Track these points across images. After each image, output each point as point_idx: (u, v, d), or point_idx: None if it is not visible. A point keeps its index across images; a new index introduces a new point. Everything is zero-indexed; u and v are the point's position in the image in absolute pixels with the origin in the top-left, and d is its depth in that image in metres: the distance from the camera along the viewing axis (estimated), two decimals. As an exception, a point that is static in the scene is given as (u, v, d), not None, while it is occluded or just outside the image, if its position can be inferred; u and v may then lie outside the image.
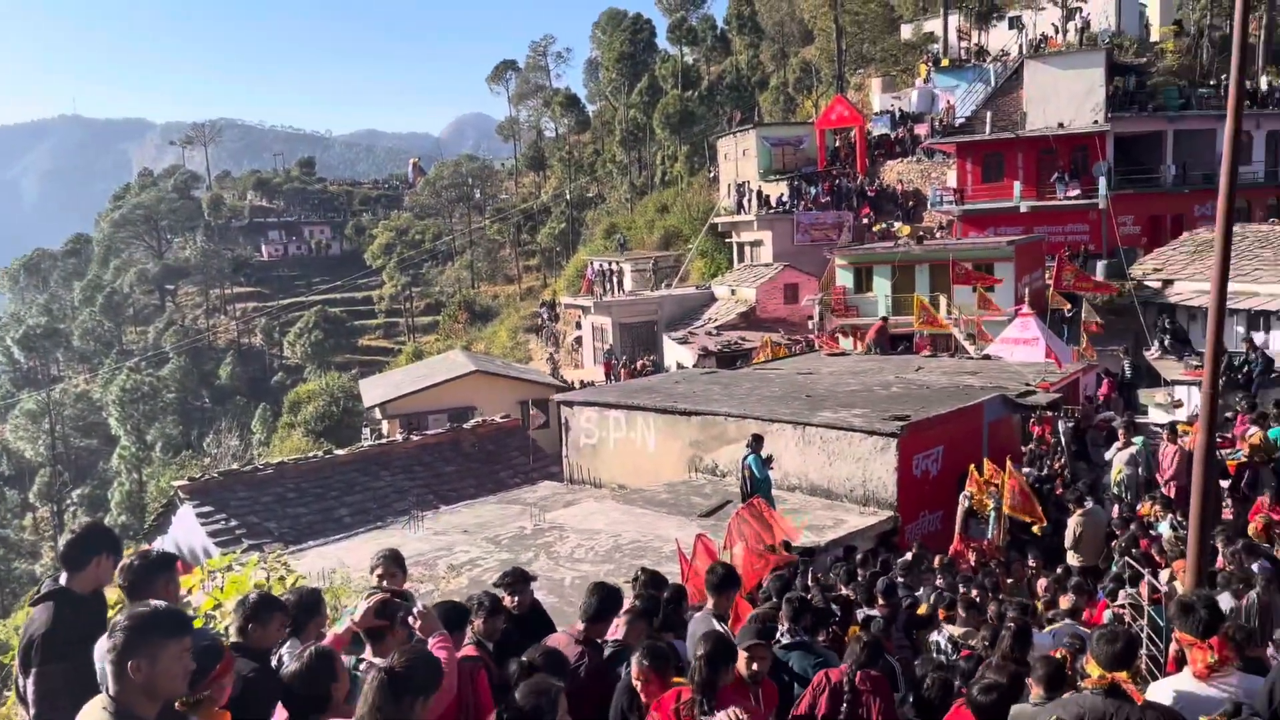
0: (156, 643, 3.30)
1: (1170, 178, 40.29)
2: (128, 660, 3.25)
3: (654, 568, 10.74)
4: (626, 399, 18.00)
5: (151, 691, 3.30)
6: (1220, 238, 7.74)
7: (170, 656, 3.32)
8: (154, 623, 3.35)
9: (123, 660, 3.26)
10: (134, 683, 3.26)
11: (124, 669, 3.26)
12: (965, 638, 7.13)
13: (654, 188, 77.45)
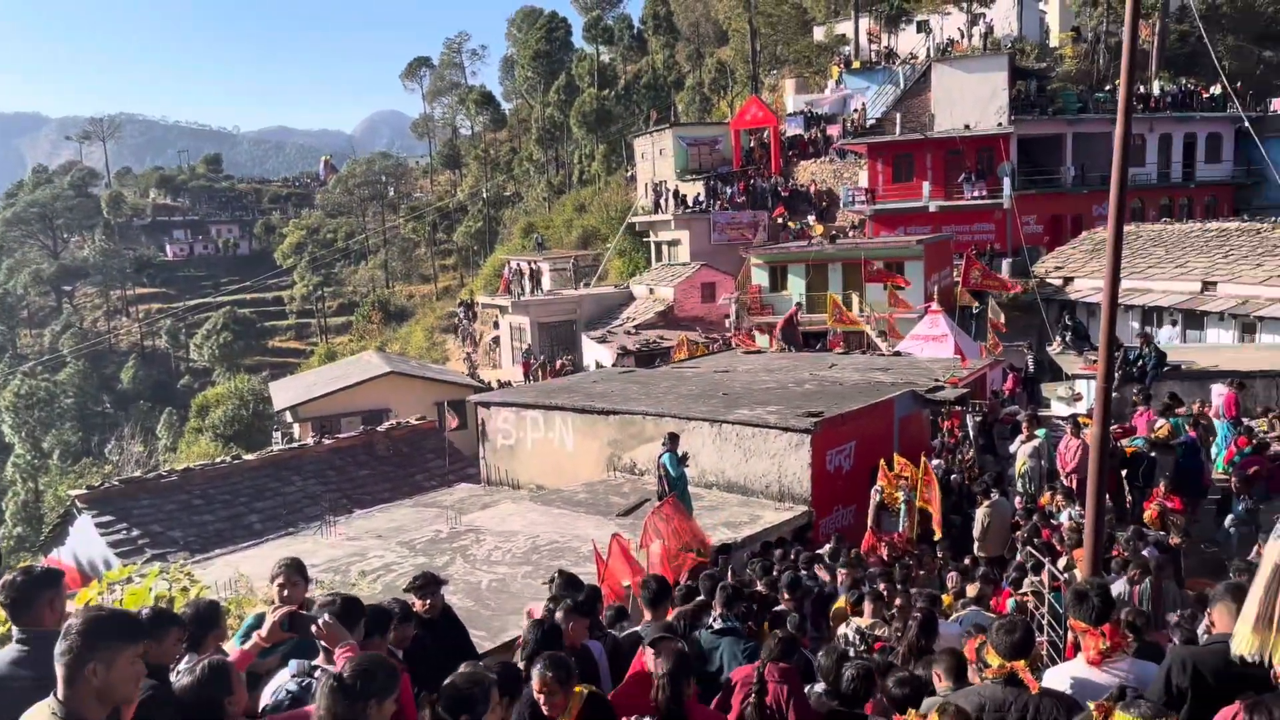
0: (114, 646, 3.20)
1: (1070, 179, 41.80)
2: (84, 664, 3.14)
3: (572, 568, 10.71)
4: (544, 399, 17.90)
5: (105, 696, 3.19)
6: (1112, 237, 8.04)
7: (126, 661, 3.22)
8: (110, 626, 3.25)
9: (78, 664, 3.14)
10: (88, 687, 3.14)
11: (79, 672, 3.14)
12: (873, 629, 7.26)
13: (572, 187, 77.26)
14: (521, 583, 11.29)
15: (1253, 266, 28.21)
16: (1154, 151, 43.46)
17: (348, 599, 5.03)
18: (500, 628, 9.70)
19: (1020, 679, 4.22)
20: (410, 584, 6.64)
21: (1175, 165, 44.08)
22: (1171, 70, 48.77)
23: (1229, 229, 32.32)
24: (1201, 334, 28.31)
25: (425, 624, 6.27)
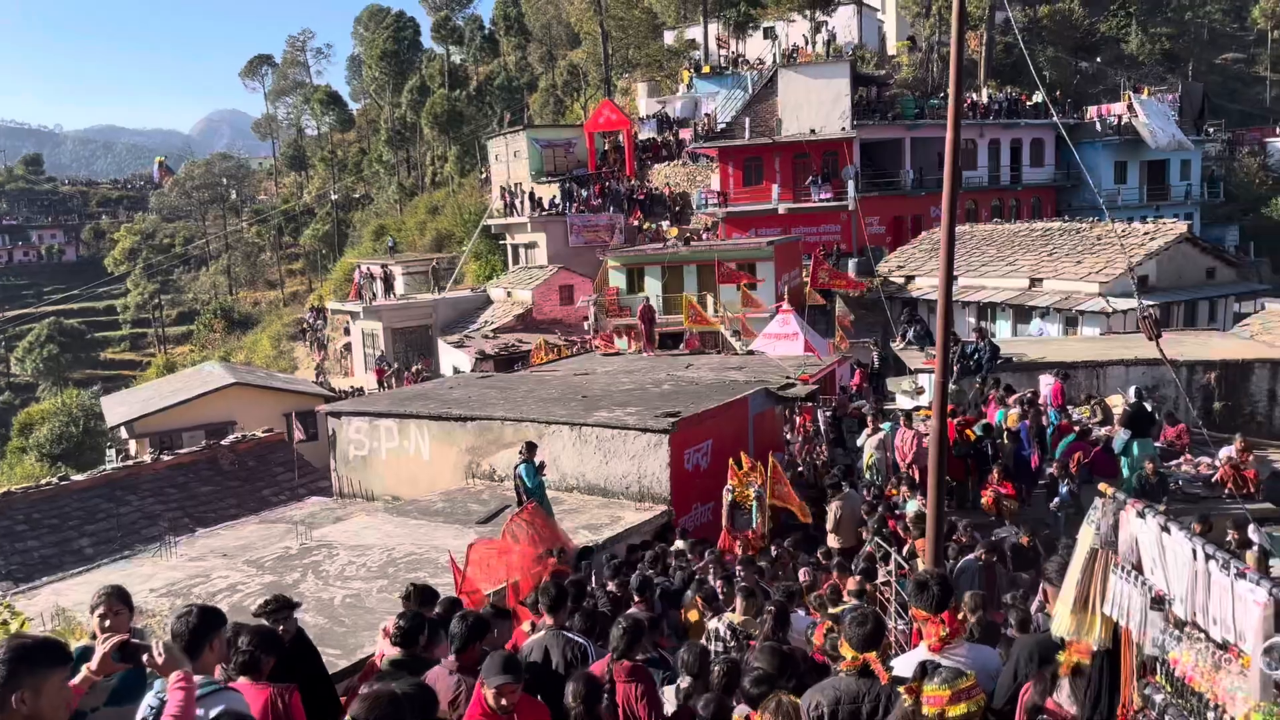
0: (41, 673, 3.10)
1: (909, 182, 43.73)
2: (11, 693, 3.03)
3: (431, 579, 10.48)
4: (398, 407, 17.46)
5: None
6: (945, 238, 8.42)
7: (54, 688, 3.13)
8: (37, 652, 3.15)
9: (6, 691, 3.02)
10: (17, 716, 3.04)
11: (6, 701, 3.03)
12: (746, 625, 7.36)
13: (424, 189, 75.83)
14: (377, 598, 10.97)
15: (1074, 264, 30.18)
16: (985, 156, 45.96)
17: (205, 609, 4.78)
18: (355, 645, 9.41)
19: (873, 670, 4.34)
20: (260, 608, 6.31)
21: (1004, 169, 46.73)
22: (999, 79, 51.75)
23: (1052, 229, 34.48)
24: (1030, 327, 30.11)
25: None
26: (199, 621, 4.60)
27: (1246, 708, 2.75)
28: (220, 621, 4.79)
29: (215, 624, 4.71)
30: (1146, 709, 3.44)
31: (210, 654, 4.66)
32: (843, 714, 4.23)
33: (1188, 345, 22.16)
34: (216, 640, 4.71)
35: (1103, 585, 3.57)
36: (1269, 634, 2.64)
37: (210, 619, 4.69)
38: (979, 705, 3.57)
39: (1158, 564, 3.21)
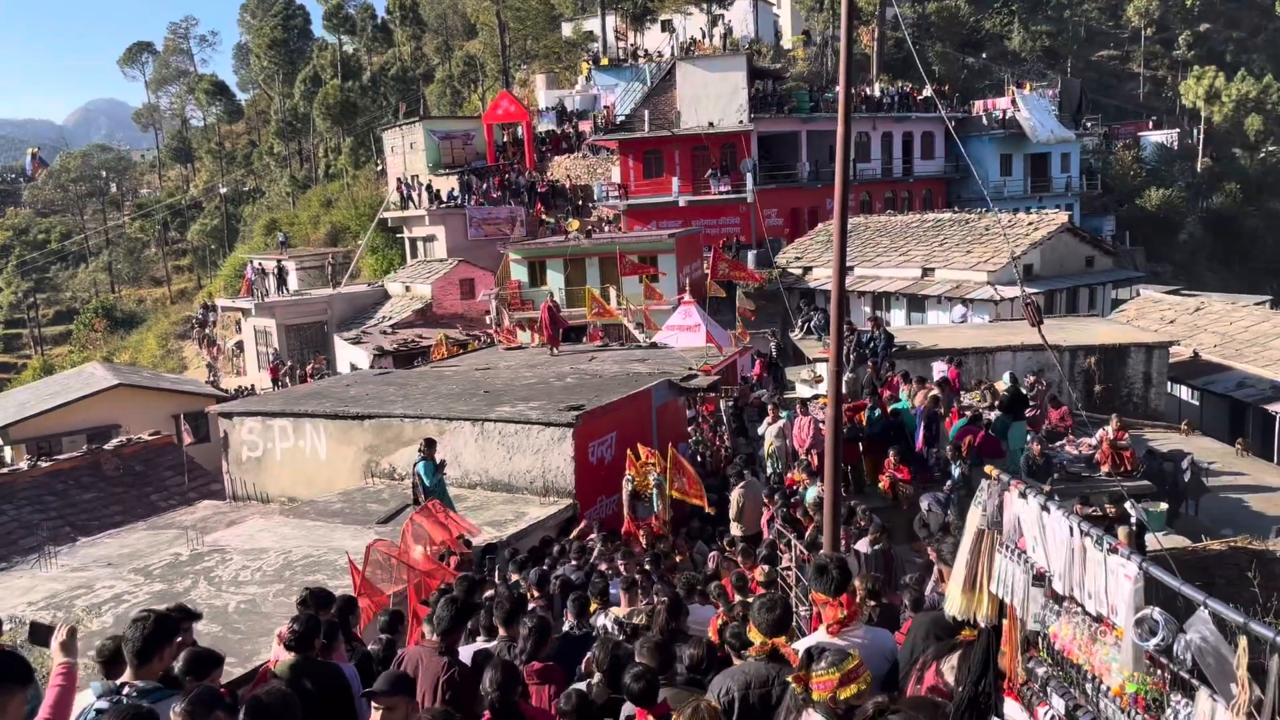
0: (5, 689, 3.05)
1: (806, 174, 44.52)
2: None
3: (330, 582, 10.23)
4: (292, 406, 17.01)
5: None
6: (837, 230, 8.59)
7: (18, 705, 3.05)
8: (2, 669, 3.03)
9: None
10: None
11: None
12: (630, 617, 7.38)
13: (318, 181, 73.89)
14: (274, 602, 10.67)
15: (963, 254, 31.19)
16: (878, 148, 47.10)
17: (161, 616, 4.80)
18: (252, 652, 9.16)
19: (782, 654, 4.39)
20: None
21: (897, 161, 47.98)
22: (890, 74, 53.08)
23: (943, 220, 35.57)
24: (923, 316, 31.02)
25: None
26: (154, 628, 4.61)
27: (1120, 678, 2.88)
28: (174, 630, 4.83)
29: (170, 632, 4.75)
30: (1030, 682, 3.57)
31: (159, 662, 4.64)
32: (753, 698, 4.28)
33: (1070, 331, 23.15)
34: (168, 649, 4.71)
35: (989, 564, 3.69)
36: (1139, 606, 2.76)
37: (166, 626, 4.72)
38: (866, 684, 3.62)
39: (1039, 542, 3.33)
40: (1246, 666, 2.36)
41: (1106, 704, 3.04)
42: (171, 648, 4.79)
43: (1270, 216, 57.40)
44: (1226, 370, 24.57)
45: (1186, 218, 54.09)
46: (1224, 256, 53.85)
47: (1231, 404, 23.65)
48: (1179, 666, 2.65)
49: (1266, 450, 21.73)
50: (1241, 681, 2.37)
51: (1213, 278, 48.38)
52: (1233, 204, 55.92)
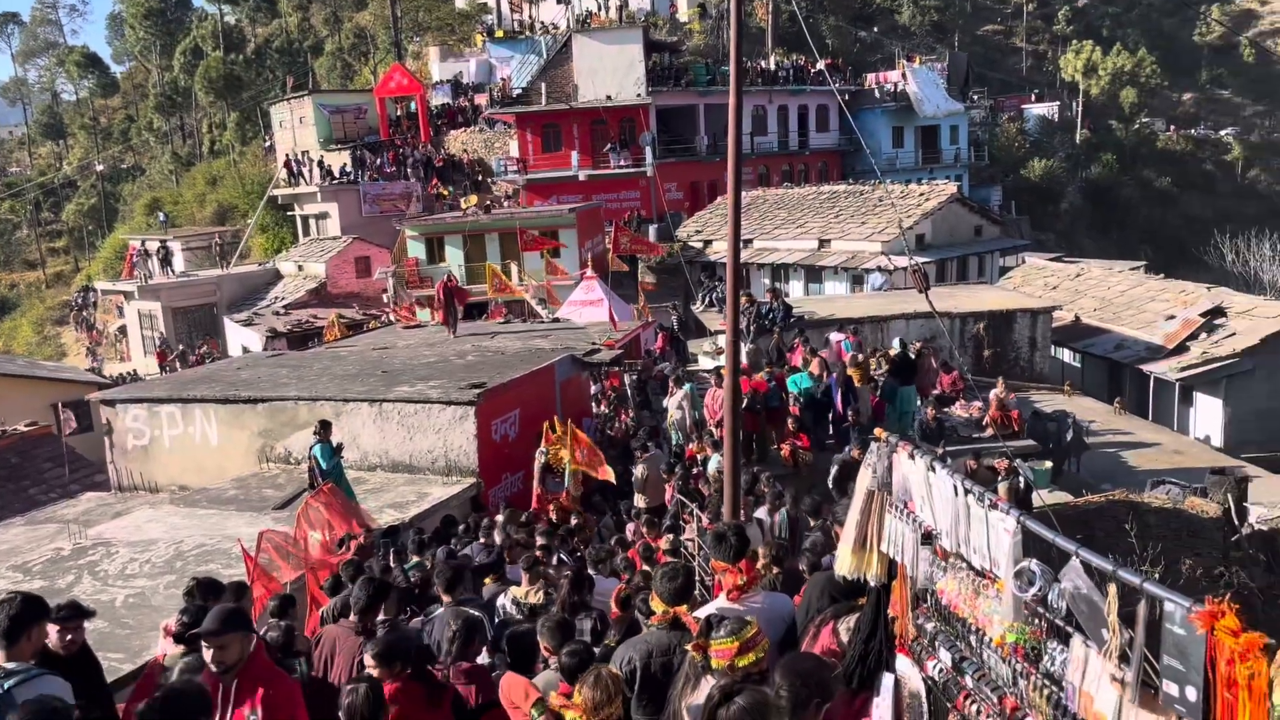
0: None
1: (704, 147, 44.73)
2: None
3: (224, 571, 9.93)
4: (180, 391, 16.39)
5: None
6: (731, 203, 8.64)
7: None
8: None
9: None
10: None
11: None
12: (527, 597, 7.34)
13: (202, 158, 71.03)
14: (164, 594, 10.31)
15: (858, 225, 31.84)
16: (774, 122, 47.59)
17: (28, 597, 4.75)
18: (141, 646, 8.84)
19: (683, 623, 4.42)
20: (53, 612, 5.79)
21: (793, 134, 48.56)
22: (785, 47, 53.58)
23: (838, 192, 36.22)
24: (820, 287, 31.60)
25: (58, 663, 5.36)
26: (20, 609, 4.58)
27: (1001, 629, 2.98)
28: (43, 611, 4.80)
29: (37, 613, 4.73)
30: (920, 637, 3.68)
31: (28, 643, 4.62)
32: (655, 667, 4.30)
33: (960, 298, 23.89)
34: (36, 629, 4.70)
35: (879, 524, 3.78)
36: (1018, 559, 2.86)
37: (33, 607, 4.70)
38: (764, 651, 3.66)
39: (926, 501, 3.41)
40: (1117, 612, 2.46)
41: (989, 654, 3.15)
42: (40, 628, 4.75)
43: (1144, 186, 60.18)
44: (1105, 333, 25.75)
45: (1067, 187, 56.28)
46: (1102, 225, 56.25)
47: (1110, 365, 24.80)
48: (1055, 615, 2.76)
49: (1142, 409, 22.89)
50: (1112, 627, 2.47)
51: (1092, 245, 50.52)
52: (1109, 174, 58.41)
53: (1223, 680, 2.11)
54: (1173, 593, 2.30)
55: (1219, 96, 75.11)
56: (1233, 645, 2.07)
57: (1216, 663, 2.13)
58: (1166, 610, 2.29)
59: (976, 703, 3.24)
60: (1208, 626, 2.14)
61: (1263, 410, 22.25)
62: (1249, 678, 2.03)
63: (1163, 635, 2.31)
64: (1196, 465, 16.05)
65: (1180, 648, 2.25)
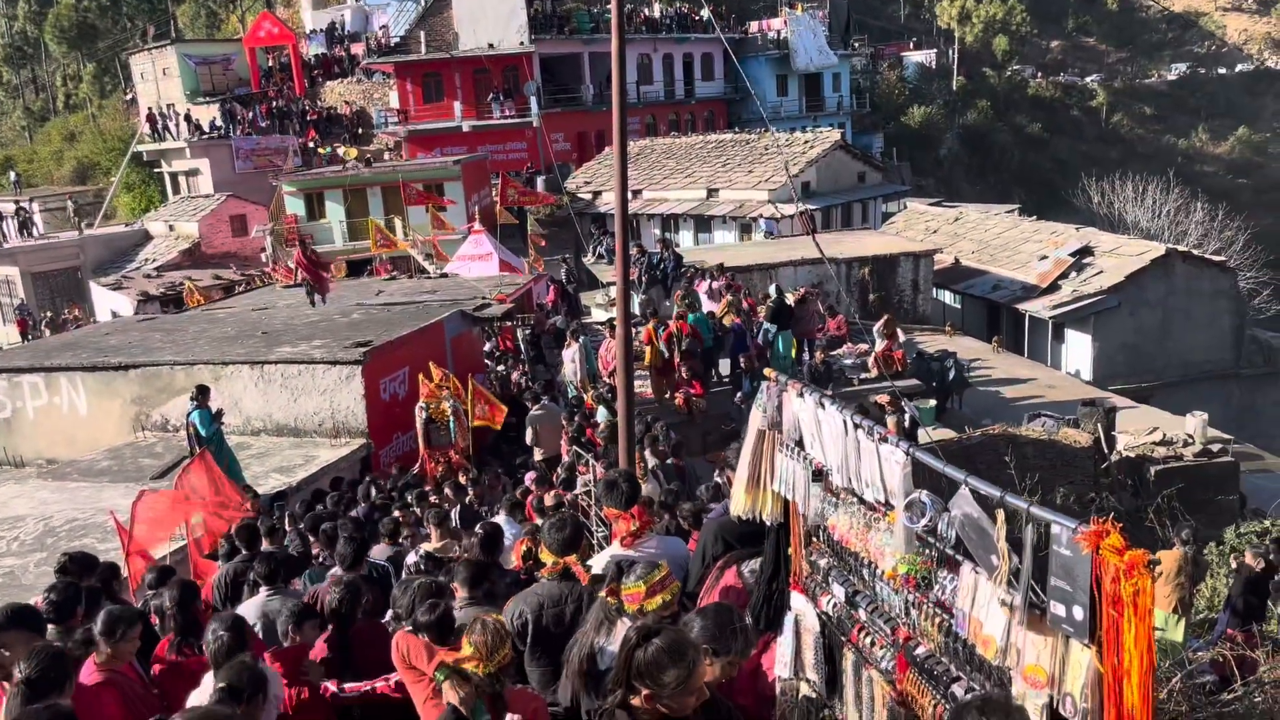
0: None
1: (590, 97, 44.17)
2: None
3: (99, 545, 9.47)
4: (43, 360, 15.52)
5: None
6: (617, 153, 8.51)
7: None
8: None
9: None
10: None
11: None
12: (442, 551, 7.24)
13: (57, 113, 66.76)
14: (35, 573, 9.80)
15: (745, 174, 32.00)
16: (660, 70, 47.27)
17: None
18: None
19: (573, 573, 4.38)
20: None
21: (678, 83, 48.33)
22: (669, -6, 53.07)
23: (725, 140, 36.27)
24: (710, 236, 31.74)
25: None
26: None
27: (893, 561, 3.00)
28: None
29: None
30: (813, 574, 3.70)
31: None
32: (546, 619, 4.24)
33: (845, 244, 24.32)
34: None
35: (771, 464, 3.77)
36: (908, 491, 2.87)
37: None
38: (674, 593, 3.68)
39: (816, 438, 3.41)
40: (1005, 538, 2.49)
41: (881, 587, 3.18)
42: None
43: (1016, 131, 62.24)
44: (983, 274, 26.65)
45: (945, 134, 57.79)
46: (979, 169, 58.07)
47: (989, 305, 25.72)
48: (944, 544, 2.78)
49: (1018, 346, 23.83)
50: (1001, 552, 2.50)
51: (969, 189, 52.14)
52: (984, 120, 60.18)
53: (1108, 598, 2.15)
54: (1059, 515, 2.33)
55: (1084, 44, 78.01)
56: (1117, 563, 2.10)
57: (1102, 581, 2.16)
58: (1053, 533, 2.32)
59: (870, 635, 3.27)
60: (1093, 546, 2.17)
61: (1128, 344, 23.45)
62: (1133, 594, 2.07)
63: (1050, 557, 2.34)
64: (1069, 399, 16.82)
65: (1067, 568, 2.29)
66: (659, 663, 2.68)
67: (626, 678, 2.73)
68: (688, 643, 2.77)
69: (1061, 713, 2.40)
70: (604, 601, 3.80)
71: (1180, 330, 23.92)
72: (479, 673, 3.43)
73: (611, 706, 2.75)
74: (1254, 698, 5.19)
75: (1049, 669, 2.40)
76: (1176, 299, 23.95)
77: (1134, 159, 55.24)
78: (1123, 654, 2.11)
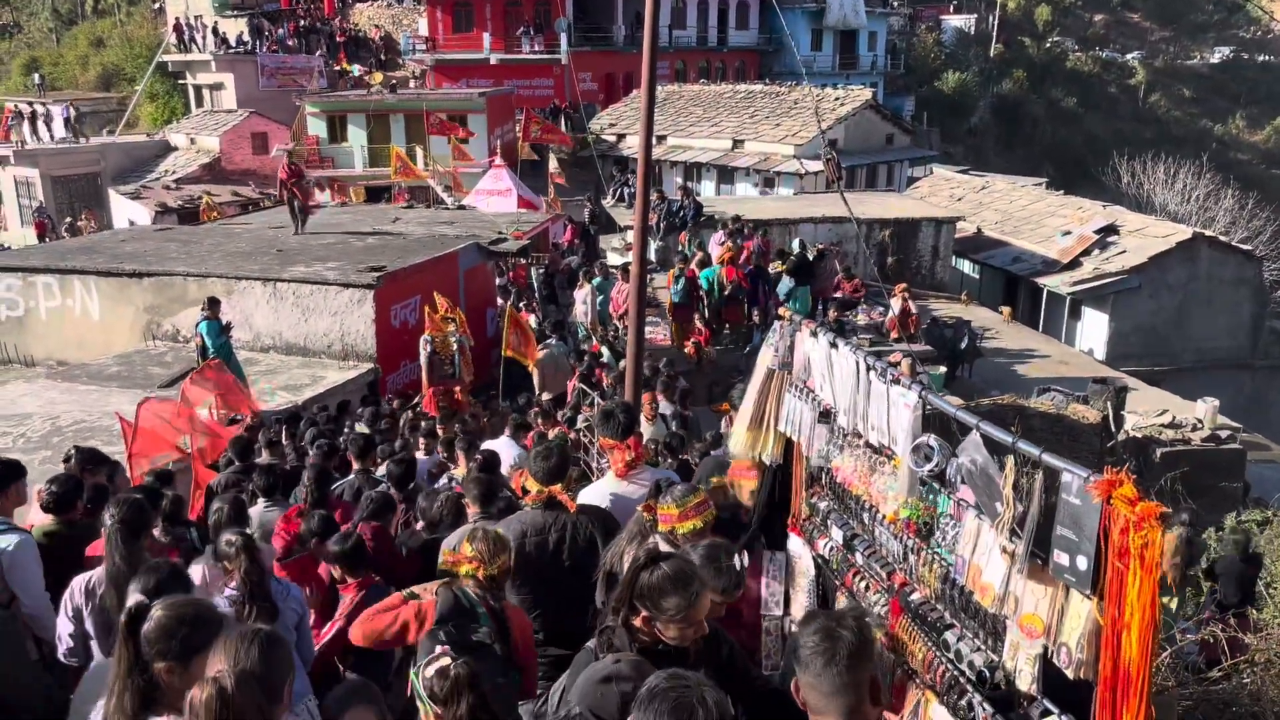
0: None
1: (621, 38, 43.52)
2: None
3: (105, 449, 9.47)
4: (58, 262, 15.54)
5: None
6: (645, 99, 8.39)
7: None
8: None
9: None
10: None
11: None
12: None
13: (85, 17, 66.08)
14: (39, 470, 9.81)
15: (772, 127, 31.59)
16: (694, 15, 46.49)
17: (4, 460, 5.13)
18: (17, 520, 8.44)
19: (559, 502, 4.35)
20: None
21: (712, 30, 47.57)
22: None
23: (754, 91, 35.76)
24: (732, 188, 31.44)
25: None
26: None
27: (896, 504, 2.97)
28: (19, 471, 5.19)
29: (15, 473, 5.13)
30: (812, 517, 3.67)
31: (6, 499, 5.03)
32: (529, 546, 4.23)
33: (868, 205, 24.04)
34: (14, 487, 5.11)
35: (778, 404, 3.73)
36: (917, 434, 2.83)
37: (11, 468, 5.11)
38: (707, 520, 3.62)
39: (826, 379, 3.36)
40: (1012, 485, 2.45)
41: (880, 531, 3.15)
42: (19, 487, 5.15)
43: (1051, 104, 61.12)
44: (1004, 246, 26.35)
45: (978, 102, 56.79)
46: (1008, 140, 57.14)
47: (1007, 277, 25.46)
48: (950, 490, 2.74)
49: (1033, 320, 23.65)
50: (1006, 499, 2.46)
51: (997, 160, 51.33)
52: (1019, 91, 59.07)
53: (1115, 549, 2.11)
54: (1071, 463, 2.29)
55: (1128, 19, 76.29)
56: (1128, 514, 2.06)
57: (1110, 532, 2.12)
58: (1064, 481, 2.28)
59: (865, 579, 3.25)
60: (1105, 495, 2.13)
61: (1144, 326, 23.23)
62: (1141, 546, 2.03)
63: (1058, 505, 2.30)
64: (1080, 375, 16.71)
65: (1075, 517, 2.25)
66: (661, 588, 2.69)
67: (629, 597, 2.74)
68: (694, 574, 2.77)
69: (1055, 662, 2.37)
70: (640, 516, 3.82)
71: (1199, 316, 23.68)
72: (479, 576, 3.47)
73: (614, 623, 2.76)
74: (1243, 679, 5.19)
75: (1046, 619, 2.37)
76: (1198, 284, 23.67)
77: (1168, 141, 54.27)
78: (1124, 606, 2.08)
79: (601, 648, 2.81)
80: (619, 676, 2.61)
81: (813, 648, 2.24)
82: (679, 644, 2.73)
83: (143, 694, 2.71)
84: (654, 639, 2.73)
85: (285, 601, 4.12)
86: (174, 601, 2.86)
